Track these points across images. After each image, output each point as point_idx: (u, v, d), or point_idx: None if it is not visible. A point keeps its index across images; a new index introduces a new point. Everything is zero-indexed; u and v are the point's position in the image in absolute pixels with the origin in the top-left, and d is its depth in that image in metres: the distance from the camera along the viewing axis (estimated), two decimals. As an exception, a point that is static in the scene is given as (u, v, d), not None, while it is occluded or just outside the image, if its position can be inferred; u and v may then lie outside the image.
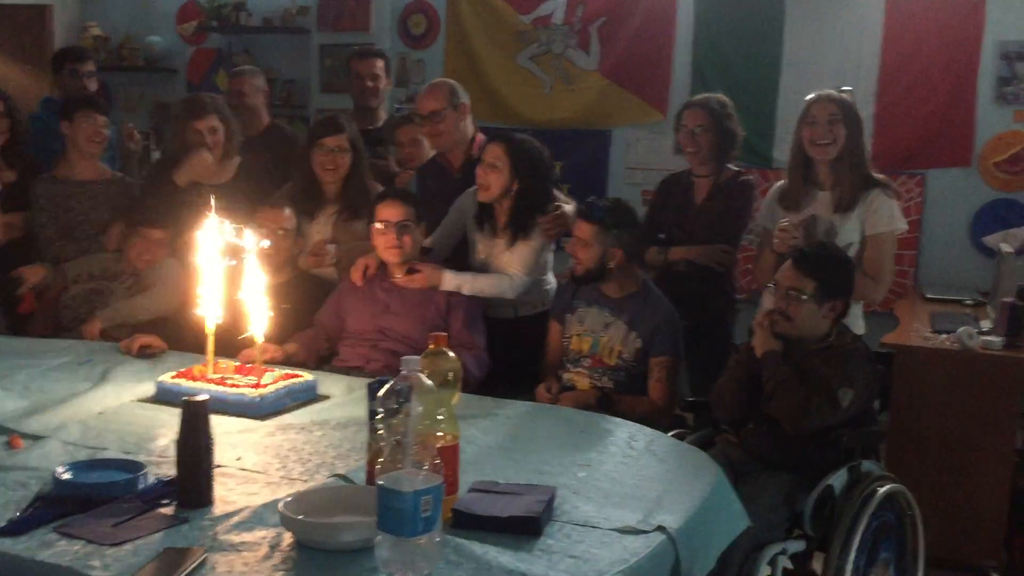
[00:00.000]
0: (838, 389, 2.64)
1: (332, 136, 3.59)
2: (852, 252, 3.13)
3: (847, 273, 2.84)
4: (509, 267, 3.30)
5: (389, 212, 3.18)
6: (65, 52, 4.72)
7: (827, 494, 2.57)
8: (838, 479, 2.61)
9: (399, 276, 3.22)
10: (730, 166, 3.67)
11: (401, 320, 3.19)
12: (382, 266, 3.27)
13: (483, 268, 3.38)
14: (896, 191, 3.27)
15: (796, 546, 2.56)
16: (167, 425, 2.27)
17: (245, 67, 4.86)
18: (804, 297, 2.73)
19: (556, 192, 3.47)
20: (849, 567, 2.48)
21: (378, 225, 3.20)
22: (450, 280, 3.19)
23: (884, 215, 3.14)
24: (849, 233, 3.15)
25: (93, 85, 4.58)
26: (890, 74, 4.78)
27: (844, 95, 3.22)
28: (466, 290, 3.19)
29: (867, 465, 2.72)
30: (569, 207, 3.35)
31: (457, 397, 1.98)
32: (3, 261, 3.77)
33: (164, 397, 2.59)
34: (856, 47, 4.83)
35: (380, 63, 4.53)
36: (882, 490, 2.62)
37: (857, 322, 3.22)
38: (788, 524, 2.58)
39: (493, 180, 3.28)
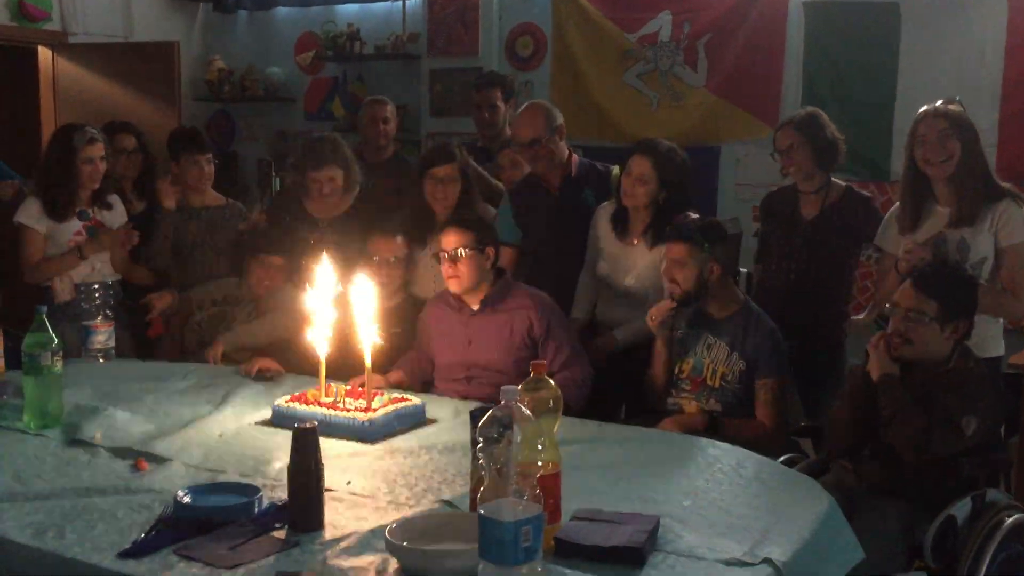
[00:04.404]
0: (961, 417, 2.54)
1: (442, 166, 3.66)
2: (987, 268, 2.99)
3: (971, 293, 2.72)
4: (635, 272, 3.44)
5: (446, 241, 3.16)
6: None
7: (949, 524, 2.46)
8: (961, 509, 2.49)
9: (475, 305, 3.20)
10: (839, 181, 3.56)
11: (485, 352, 3.17)
12: (457, 297, 3.21)
13: (606, 280, 3.49)
14: None
15: (917, 579, 2.47)
16: (282, 448, 2.34)
17: (381, 96, 4.89)
18: (926, 319, 2.63)
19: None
20: (975, 602, 2.37)
21: (441, 255, 3.17)
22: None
23: (1018, 225, 2.98)
24: (981, 248, 3.01)
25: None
26: (1016, 79, 4.55)
27: (953, 107, 3.07)
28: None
29: (993, 494, 2.59)
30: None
31: (558, 422, 1.99)
32: (132, 289, 3.99)
33: (280, 421, 2.69)
34: (978, 52, 4.61)
35: (498, 92, 4.56)
36: (1009, 520, 2.49)
37: (997, 341, 3.08)
38: (907, 556, 2.48)
39: (641, 192, 3.41)
